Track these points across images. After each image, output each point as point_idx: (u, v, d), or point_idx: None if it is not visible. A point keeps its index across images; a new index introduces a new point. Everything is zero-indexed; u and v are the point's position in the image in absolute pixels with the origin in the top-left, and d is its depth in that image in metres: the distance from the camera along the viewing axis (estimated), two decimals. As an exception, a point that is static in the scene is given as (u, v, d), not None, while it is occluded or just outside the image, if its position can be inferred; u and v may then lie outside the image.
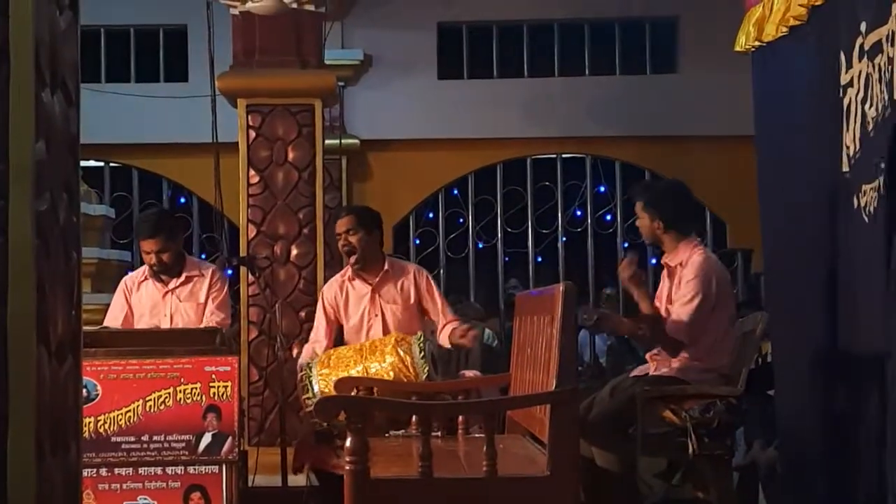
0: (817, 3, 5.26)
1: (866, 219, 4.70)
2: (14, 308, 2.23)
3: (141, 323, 6.88)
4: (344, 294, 6.71)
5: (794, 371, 6.18)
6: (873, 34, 4.61)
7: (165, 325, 6.82)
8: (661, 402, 5.84)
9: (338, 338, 6.76)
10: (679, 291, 5.89)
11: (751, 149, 6.83)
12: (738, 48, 6.31)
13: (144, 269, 7.04)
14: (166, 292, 6.90)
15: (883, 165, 4.47)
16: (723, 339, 6.00)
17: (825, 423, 5.47)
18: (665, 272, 6.13)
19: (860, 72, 4.79)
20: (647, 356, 6.17)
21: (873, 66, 4.63)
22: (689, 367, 5.88)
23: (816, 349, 5.52)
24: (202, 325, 6.68)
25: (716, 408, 5.86)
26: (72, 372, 2.53)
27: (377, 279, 6.64)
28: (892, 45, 4.47)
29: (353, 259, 6.60)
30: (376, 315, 6.60)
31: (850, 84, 4.92)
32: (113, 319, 6.96)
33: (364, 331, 6.61)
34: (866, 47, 4.70)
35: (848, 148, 4.96)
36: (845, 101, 4.98)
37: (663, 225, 6.03)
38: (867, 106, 4.69)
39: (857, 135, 4.84)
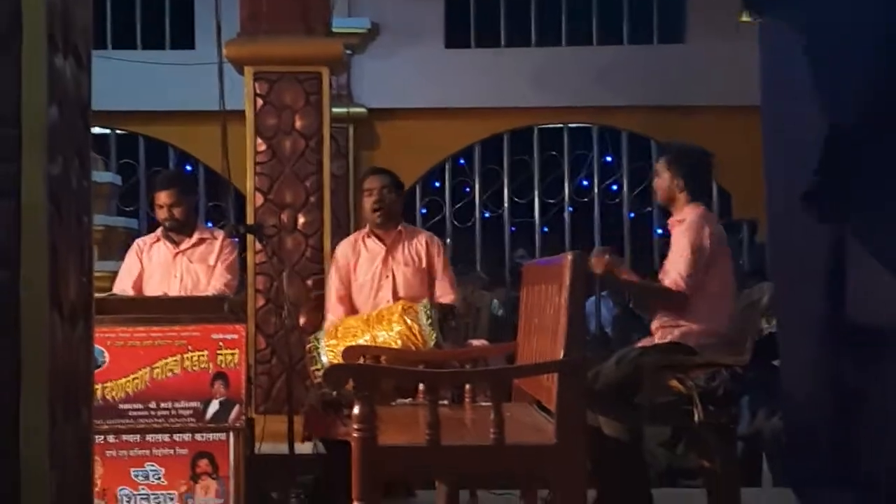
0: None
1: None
2: (27, 272, 2.24)
3: (151, 283, 6.91)
4: (357, 253, 6.74)
5: (799, 341, 6.19)
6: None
7: (175, 286, 6.86)
8: (667, 371, 5.85)
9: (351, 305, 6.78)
10: (675, 245, 5.94)
11: (757, 119, 6.83)
12: (743, 19, 6.30)
13: (157, 232, 7.10)
14: (177, 253, 6.94)
15: None
16: (721, 301, 6.01)
17: (830, 393, 5.49)
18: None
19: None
20: (652, 328, 6.18)
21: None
22: (691, 333, 5.89)
23: (821, 319, 5.52)
24: (210, 287, 6.69)
25: (721, 377, 5.87)
26: (84, 337, 2.54)
27: (391, 240, 6.67)
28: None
29: (378, 213, 6.65)
30: (387, 276, 6.62)
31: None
32: (126, 278, 7.01)
33: (374, 291, 6.62)
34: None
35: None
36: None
37: (682, 184, 6.06)
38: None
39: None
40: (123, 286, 6.97)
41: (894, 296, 4.62)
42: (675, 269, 5.88)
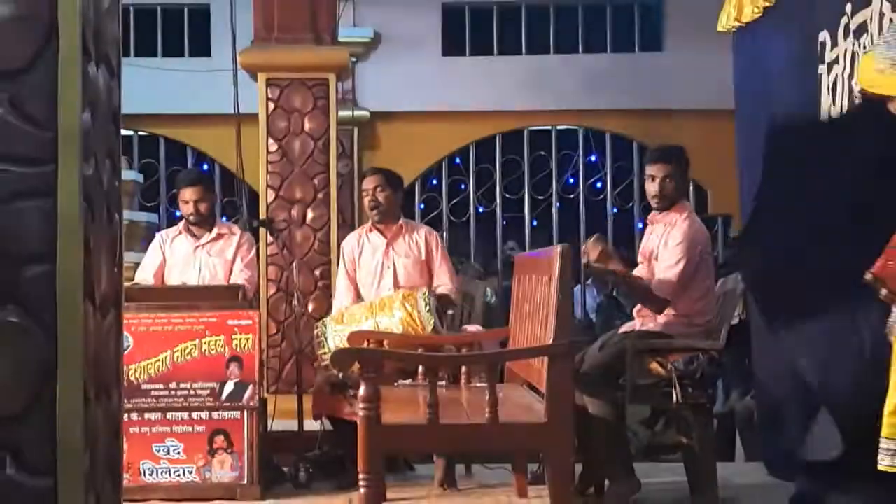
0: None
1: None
2: (63, 265, 2.24)
3: (172, 273, 6.90)
4: (360, 245, 6.73)
5: (770, 327, 6.20)
6: (859, 15, 4.60)
7: (194, 277, 6.84)
8: (648, 355, 5.84)
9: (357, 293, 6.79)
10: (665, 252, 5.89)
11: (731, 122, 6.83)
12: (720, 28, 6.31)
13: (179, 225, 7.09)
14: (197, 247, 6.93)
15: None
16: (705, 299, 5.99)
17: (798, 374, 5.50)
18: (650, 228, 6.09)
19: (846, 49, 4.78)
20: (634, 312, 6.18)
21: (859, 45, 4.63)
22: (674, 324, 5.87)
23: (790, 306, 5.53)
24: (230, 281, 6.69)
25: (698, 360, 5.87)
26: (114, 325, 2.55)
27: (392, 234, 6.66)
28: (876, 22, 4.48)
29: (375, 212, 6.63)
30: (388, 267, 6.60)
31: (836, 61, 4.91)
32: (148, 268, 7.00)
33: (376, 280, 6.60)
34: (852, 27, 4.70)
35: (831, 118, 4.96)
36: (831, 77, 4.98)
37: (682, 185, 6.01)
38: (854, 81, 4.69)
39: (845, 108, 4.84)
40: (146, 275, 6.97)
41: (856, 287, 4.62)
42: (664, 276, 5.75)
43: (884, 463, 3.91)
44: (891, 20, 4.25)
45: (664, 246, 5.88)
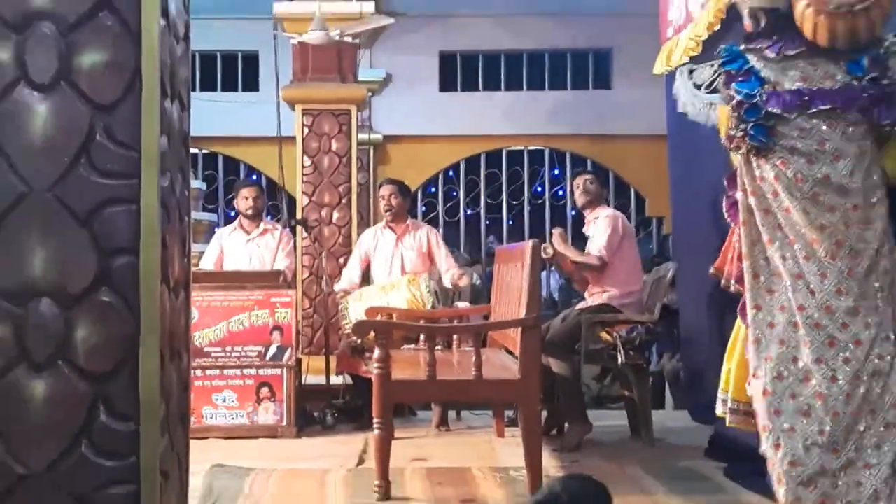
0: (713, 37, 5.23)
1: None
2: (144, 256, 2.24)
3: (229, 261, 6.89)
4: (376, 240, 6.74)
5: (694, 304, 6.21)
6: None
7: (245, 263, 6.82)
8: (598, 327, 5.87)
9: (365, 274, 6.79)
10: (596, 230, 6.00)
11: (665, 145, 6.82)
12: (655, 72, 6.27)
13: (234, 224, 7.07)
14: (248, 240, 6.92)
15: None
16: (633, 271, 6.06)
17: (713, 341, 5.50)
18: (587, 222, 6.21)
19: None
20: (586, 294, 6.19)
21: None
22: (613, 296, 5.93)
23: (709, 289, 5.54)
24: (273, 267, 6.68)
25: (637, 330, 5.91)
26: (184, 303, 2.54)
27: (401, 231, 6.66)
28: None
29: (389, 213, 6.66)
30: (397, 257, 6.62)
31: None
32: (210, 257, 6.99)
33: (388, 268, 6.61)
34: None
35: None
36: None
37: (600, 192, 6.24)
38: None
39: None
40: (208, 262, 6.96)
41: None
42: (597, 243, 5.95)
43: (718, 410, 3.96)
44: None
45: (595, 228, 6.01)
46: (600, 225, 5.98)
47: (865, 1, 3.46)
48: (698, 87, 3.92)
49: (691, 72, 4.00)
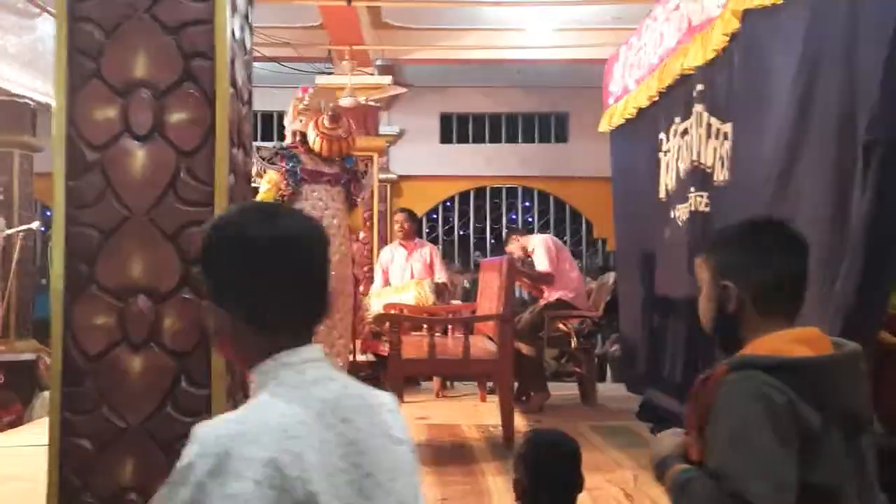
0: (643, 107, 5.25)
1: (679, 223, 4.69)
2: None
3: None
4: (392, 254, 6.69)
5: (629, 303, 6.17)
6: (684, 123, 4.59)
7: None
8: (557, 320, 5.86)
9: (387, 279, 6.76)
10: (537, 255, 5.97)
11: (609, 184, 6.82)
12: (601, 129, 6.28)
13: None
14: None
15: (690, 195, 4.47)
16: (573, 276, 6.02)
17: (644, 331, 5.49)
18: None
19: (675, 145, 4.76)
20: (544, 296, 6.18)
21: (683, 141, 4.62)
22: (562, 295, 5.90)
23: (642, 291, 5.53)
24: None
25: (586, 323, 5.90)
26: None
27: (411, 248, 6.64)
28: (694, 129, 4.47)
29: (401, 235, 6.61)
30: (408, 268, 6.59)
31: (669, 151, 4.90)
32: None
33: (401, 275, 6.57)
34: (679, 131, 4.69)
35: (667, 185, 4.94)
36: (665, 161, 4.96)
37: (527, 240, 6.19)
38: (679, 163, 4.68)
39: (673, 179, 4.83)
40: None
41: (679, 280, 4.62)
42: (541, 264, 5.92)
43: None
44: (709, 123, 4.20)
45: (535, 254, 6.00)
46: (538, 250, 5.97)
47: None
48: None
49: None
